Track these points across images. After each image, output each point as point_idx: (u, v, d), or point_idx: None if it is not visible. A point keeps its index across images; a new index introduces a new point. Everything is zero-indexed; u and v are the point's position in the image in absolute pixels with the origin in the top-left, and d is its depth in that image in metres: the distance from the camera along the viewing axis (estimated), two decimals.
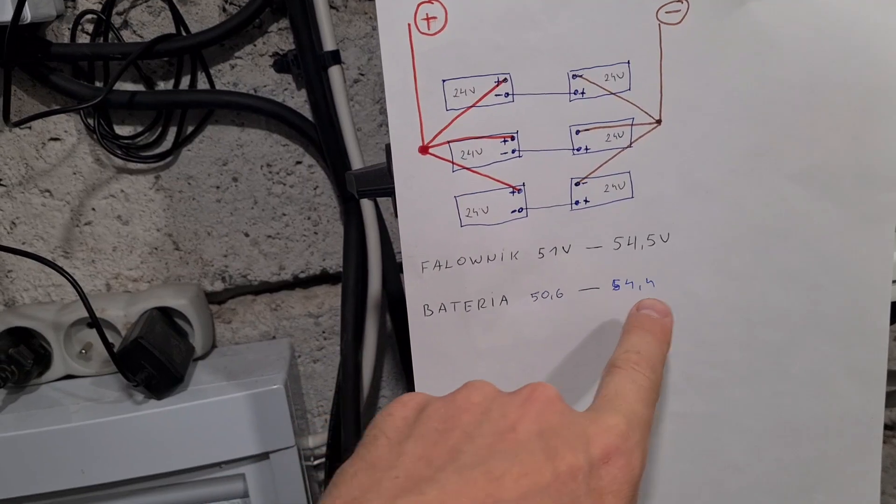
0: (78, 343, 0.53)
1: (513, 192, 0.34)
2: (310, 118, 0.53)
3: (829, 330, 0.36)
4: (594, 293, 0.36)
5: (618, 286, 0.36)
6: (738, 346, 0.37)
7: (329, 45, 0.50)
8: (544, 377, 0.37)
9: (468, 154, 0.34)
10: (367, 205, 0.53)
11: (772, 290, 0.36)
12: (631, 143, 0.34)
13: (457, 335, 0.36)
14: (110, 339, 0.52)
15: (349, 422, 0.53)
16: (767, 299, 0.36)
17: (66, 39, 0.50)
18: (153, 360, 0.48)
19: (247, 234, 0.56)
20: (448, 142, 0.33)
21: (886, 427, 0.67)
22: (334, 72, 0.51)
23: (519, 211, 0.35)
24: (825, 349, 0.37)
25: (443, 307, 0.35)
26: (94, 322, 0.48)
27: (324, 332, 0.59)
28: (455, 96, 0.33)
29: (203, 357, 0.55)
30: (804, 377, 0.37)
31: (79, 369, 0.53)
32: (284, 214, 0.56)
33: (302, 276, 0.58)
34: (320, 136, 0.53)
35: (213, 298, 0.58)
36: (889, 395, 0.52)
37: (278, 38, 0.52)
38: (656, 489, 0.39)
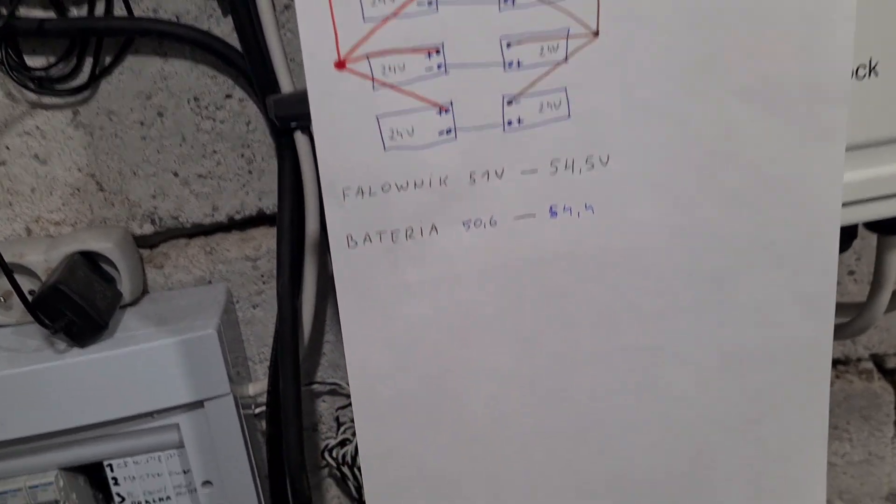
0: None
1: (440, 112, 0.32)
2: (238, 48, 0.50)
3: (776, 255, 0.35)
4: (530, 221, 0.34)
5: (555, 213, 0.34)
6: (683, 274, 0.35)
7: None
8: (478, 313, 0.35)
9: (390, 70, 0.31)
10: (301, 139, 0.50)
11: (717, 215, 0.34)
12: (566, 58, 0.32)
13: (384, 268, 0.34)
14: (31, 286, 0.49)
15: (287, 368, 0.50)
16: (712, 224, 0.34)
17: None
18: (74, 307, 0.45)
19: (176, 174, 0.53)
20: (367, 56, 0.30)
21: (839, 362, 0.67)
22: None
23: (447, 132, 0.32)
24: (772, 276, 0.35)
25: (367, 238, 0.33)
26: (3, 268, 0.44)
27: (262, 276, 0.56)
28: (373, 5, 0.30)
29: (133, 304, 0.52)
30: (750, 306, 0.35)
31: None
32: (216, 152, 0.53)
33: (237, 217, 0.55)
34: (250, 66, 0.49)
35: (144, 242, 0.55)
36: (840, 328, 0.51)
37: None
38: (601, 424, 0.37)
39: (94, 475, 0.55)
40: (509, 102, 0.32)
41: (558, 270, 0.35)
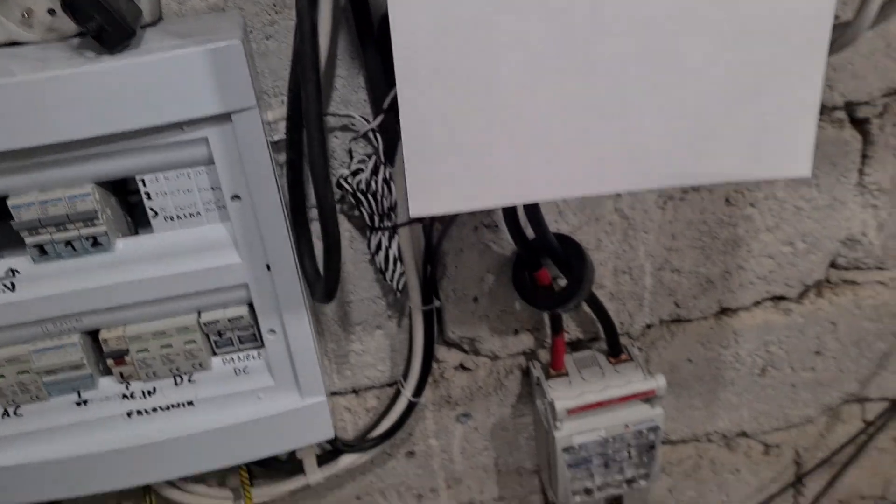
0: (17, 7, 0.50)
1: None
2: None
3: None
4: None
5: None
6: None
7: None
8: None
9: None
10: None
11: None
12: None
13: None
14: (50, 4, 0.50)
15: (310, 86, 0.52)
16: None
17: None
18: (102, 11, 0.46)
19: None
20: None
21: None
22: None
23: None
24: None
25: None
26: None
27: (275, 6, 0.57)
28: None
29: (151, 25, 0.53)
30: None
31: (22, 34, 0.51)
32: None
33: None
34: None
35: None
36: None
37: None
38: (621, 93, 0.41)
39: (123, 200, 0.58)
40: None
41: None
